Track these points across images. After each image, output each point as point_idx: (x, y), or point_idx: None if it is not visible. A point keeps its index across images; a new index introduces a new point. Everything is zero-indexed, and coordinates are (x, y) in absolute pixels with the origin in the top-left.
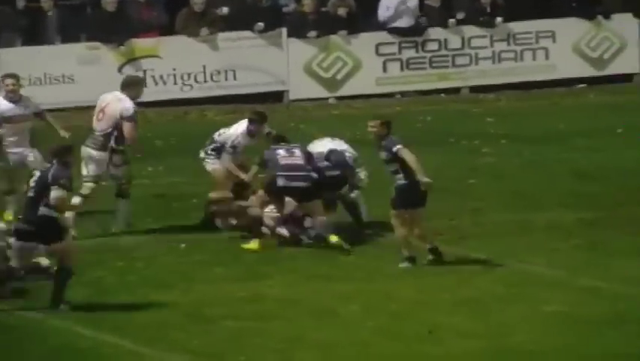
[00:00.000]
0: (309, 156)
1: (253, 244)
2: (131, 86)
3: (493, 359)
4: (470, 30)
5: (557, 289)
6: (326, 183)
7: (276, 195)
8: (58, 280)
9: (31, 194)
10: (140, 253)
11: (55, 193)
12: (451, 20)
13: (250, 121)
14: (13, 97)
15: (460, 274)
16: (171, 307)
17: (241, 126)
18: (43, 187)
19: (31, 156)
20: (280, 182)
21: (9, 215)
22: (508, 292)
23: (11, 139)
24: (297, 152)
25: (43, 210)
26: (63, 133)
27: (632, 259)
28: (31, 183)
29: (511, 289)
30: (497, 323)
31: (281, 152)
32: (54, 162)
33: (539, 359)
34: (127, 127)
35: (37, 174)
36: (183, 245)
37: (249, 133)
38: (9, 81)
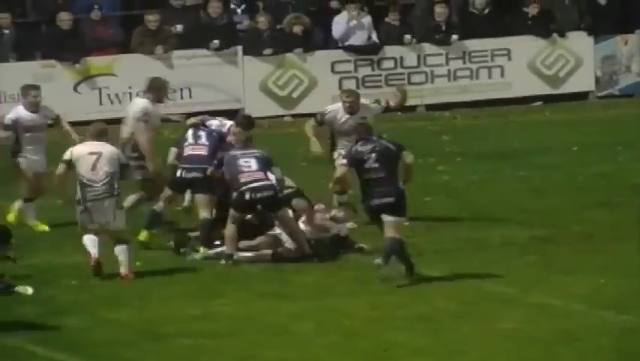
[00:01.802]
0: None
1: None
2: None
3: None
4: (426, 48)
5: (511, 307)
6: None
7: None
8: None
9: None
10: None
11: None
12: (407, 37)
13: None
14: (35, 108)
15: (415, 291)
16: (125, 325)
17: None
18: None
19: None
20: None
21: (12, 216)
22: (463, 309)
23: (30, 147)
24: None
25: None
26: (74, 136)
27: (585, 276)
28: None
29: (465, 306)
30: (452, 340)
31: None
32: None
33: None
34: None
35: None
36: (138, 263)
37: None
38: (33, 92)
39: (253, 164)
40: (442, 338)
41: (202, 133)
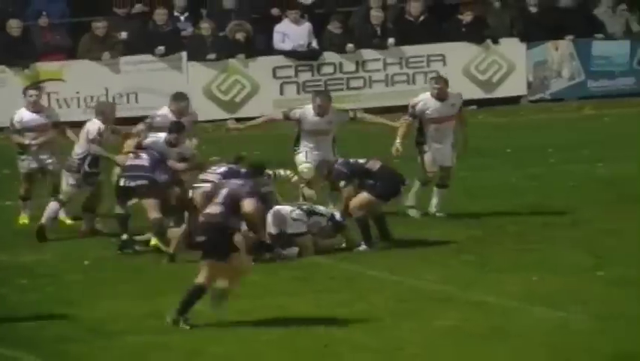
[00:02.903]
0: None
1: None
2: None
3: None
4: (364, 54)
5: (448, 304)
6: None
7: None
8: None
9: None
10: (43, 270)
11: None
12: (350, 46)
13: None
14: (35, 107)
15: (355, 290)
16: (75, 322)
17: None
18: None
19: (51, 163)
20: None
21: (24, 218)
22: (401, 307)
23: (33, 147)
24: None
25: None
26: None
27: (519, 275)
28: None
29: (404, 304)
30: (391, 337)
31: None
32: None
33: None
34: None
35: None
36: (86, 262)
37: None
38: (32, 92)
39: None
40: (382, 334)
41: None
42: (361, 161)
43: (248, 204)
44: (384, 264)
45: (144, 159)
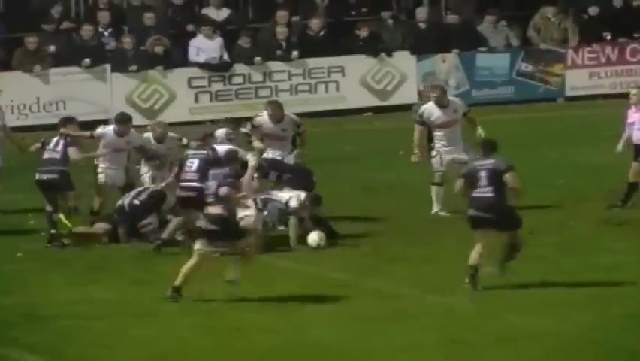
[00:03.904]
0: None
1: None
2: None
3: (291, 351)
4: (271, 66)
5: (347, 290)
6: None
7: None
8: None
9: None
10: None
11: None
12: (257, 59)
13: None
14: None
15: (264, 277)
16: (10, 309)
17: None
18: None
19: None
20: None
21: None
22: (305, 293)
23: None
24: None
25: None
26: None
27: (412, 265)
28: None
29: (307, 290)
30: (296, 320)
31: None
32: None
33: (331, 351)
34: None
35: None
36: (19, 254)
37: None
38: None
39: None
40: (288, 318)
41: (61, 141)
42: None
43: (222, 191)
44: (291, 255)
45: (55, 154)
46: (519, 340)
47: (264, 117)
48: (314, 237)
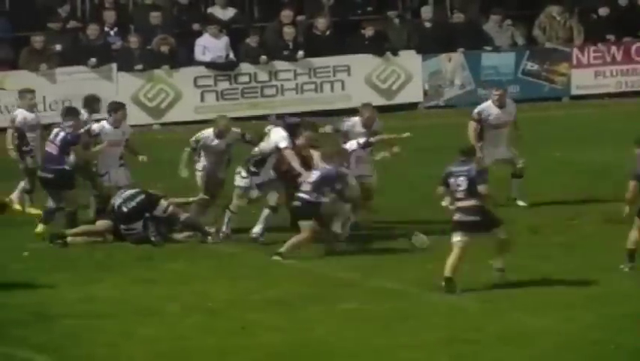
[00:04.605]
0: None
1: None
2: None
3: (296, 350)
4: (277, 65)
5: (352, 290)
6: None
7: None
8: None
9: None
10: None
11: None
12: (263, 57)
13: None
14: (35, 108)
15: (269, 276)
16: (17, 308)
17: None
18: None
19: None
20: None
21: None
22: (310, 292)
23: (33, 144)
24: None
25: None
26: None
27: (415, 263)
28: None
29: (312, 289)
30: (301, 319)
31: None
32: None
33: (336, 350)
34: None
35: None
36: (26, 253)
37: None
38: (30, 95)
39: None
40: (293, 317)
41: (61, 133)
42: None
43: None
44: (298, 253)
45: (53, 148)
46: (522, 339)
47: (353, 121)
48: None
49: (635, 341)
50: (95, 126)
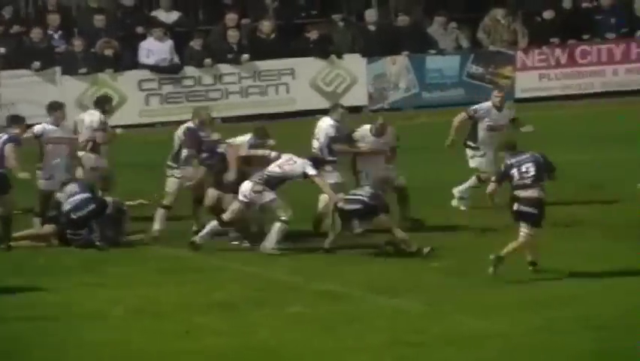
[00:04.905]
0: None
1: None
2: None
3: (241, 353)
4: (221, 68)
5: (296, 293)
6: None
7: None
8: None
9: None
10: None
11: None
12: (207, 61)
13: None
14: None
15: (214, 280)
16: None
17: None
18: None
19: None
20: None
21: None
22: (255, 295)
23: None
24: None
25: None
26: None
27: (362, 266)
28: None
29: (257, 293)
30: (245, 322)
31: None
32: None
33: (280, 353)
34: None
35: None
36: None
37: None
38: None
39: None
40: (238, 320)
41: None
42: None
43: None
44: (242, 257)
45: None
46: (468, 341)
47: (364, 130)
48: None
49: (581, 344)
50: (38, 128)
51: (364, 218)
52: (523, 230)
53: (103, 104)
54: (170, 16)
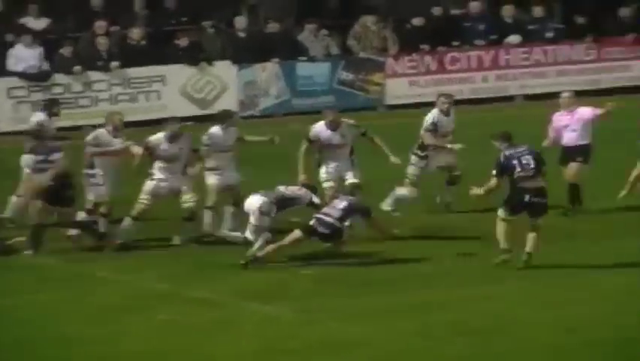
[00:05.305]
0: None
1: None
2: None
3: None
4: (91, 75)
5: (168, 300)
6: None
7: None
8: None
9: None
10: None
11: None
12: (77, 68)
13: None
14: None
15: (84, 288)
16: None
17: None
18: None
19: None
20: None
21: None
22: (126, 303)
23: None
24: None
25: None
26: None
27: (230, 272)
28: None
29: (128, 301)
30: (116, 330)
31: None
32: None
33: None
34: None
35: None
36: None
37: None
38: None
39: None
40: (108, 328)
41: None
42: None
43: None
44: (112, 265)
45: None
46: (341, 348)
47: (319, 127)
48: None
49: (454, 350)
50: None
51: (329, 241)
52: (536, 221)
53: (50, 107)
54: (40, 23)
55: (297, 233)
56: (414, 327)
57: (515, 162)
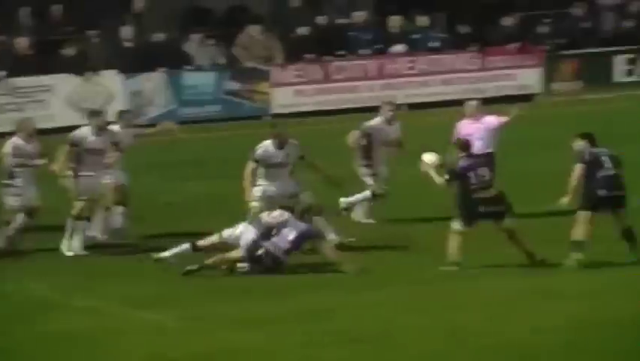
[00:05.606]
0: None
1: None
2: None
3: None
4: None
5: (57, 309)
6: None
7: None
8: None
9: None
10: None
11: None
12: None
13: None
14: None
15: None
16: None
17: None
18: None
19: None
20: None
21: None
22: (12, 313)
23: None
24: None
25: None
26: None
27: (118, 281)
28: None
29: (14, 310)
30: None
31: None
32: None
33: None
34: None
35: None
36: None
37: None
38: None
39: None
40: None
41: None
42: None
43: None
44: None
45: None
46: (227, 356)
47: (265, 145)
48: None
49: (339, 358)
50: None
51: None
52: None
53: None
54: None
55: (239, 255)
56: (299, 335)
57: (471, 173)
